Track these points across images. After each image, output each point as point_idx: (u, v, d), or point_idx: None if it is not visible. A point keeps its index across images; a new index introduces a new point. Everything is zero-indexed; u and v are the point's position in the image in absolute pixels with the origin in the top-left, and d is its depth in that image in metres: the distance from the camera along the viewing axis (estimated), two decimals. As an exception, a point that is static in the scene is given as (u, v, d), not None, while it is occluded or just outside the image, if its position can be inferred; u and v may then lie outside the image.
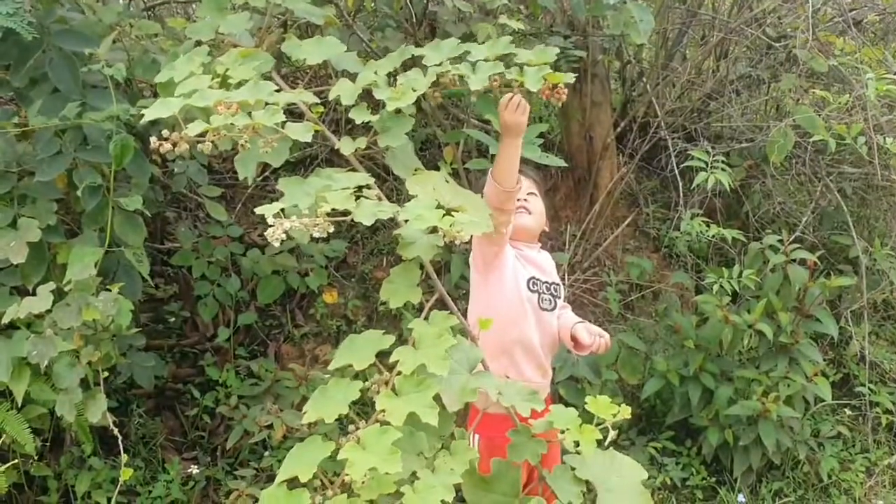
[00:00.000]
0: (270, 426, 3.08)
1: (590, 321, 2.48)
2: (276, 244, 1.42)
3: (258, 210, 1.45)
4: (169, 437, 3.38)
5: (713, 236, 3.27)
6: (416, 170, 1.93)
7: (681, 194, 3.46)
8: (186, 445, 3.38)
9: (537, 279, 2.32)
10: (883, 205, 4.04)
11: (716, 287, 3.17)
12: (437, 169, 2.30)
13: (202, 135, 1.47)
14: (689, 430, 3.41)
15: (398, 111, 1.75)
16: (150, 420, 3.35)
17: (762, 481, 3.30)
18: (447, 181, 1.88)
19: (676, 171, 3.47)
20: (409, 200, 1.68)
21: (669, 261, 4.27)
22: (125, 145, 2.12)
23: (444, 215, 1.63)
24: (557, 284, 2.40)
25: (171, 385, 3.49)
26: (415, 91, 1.72)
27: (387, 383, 1.60)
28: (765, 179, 3.87)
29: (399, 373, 1.57)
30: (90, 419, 2.25)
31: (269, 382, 3.34)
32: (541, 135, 3.32)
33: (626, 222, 4.17)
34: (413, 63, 1.87)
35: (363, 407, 1.62)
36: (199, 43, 2.01)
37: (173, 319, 3.63)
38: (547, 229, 2.51)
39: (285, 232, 1.44)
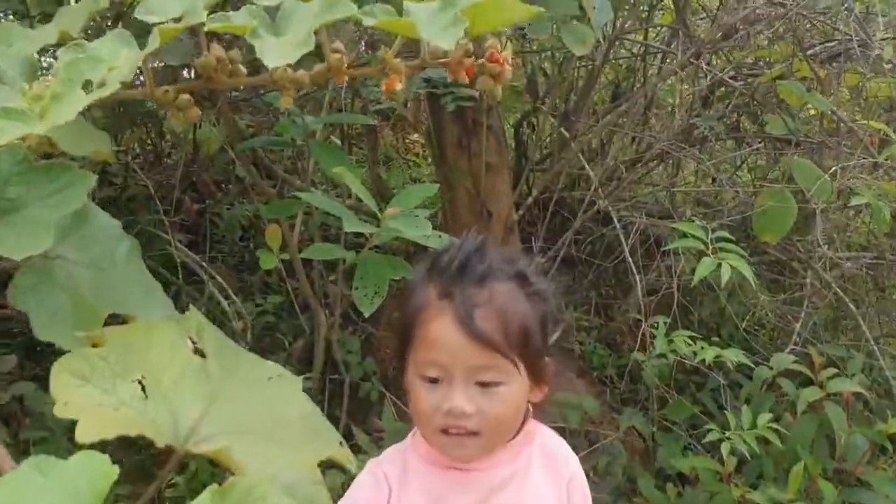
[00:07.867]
0: None
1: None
2: None
3: None
4: None
5: (704, 361, 2.09)
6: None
7: (642, 295, 2.30)
8: None
9: None
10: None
11: (726, 450, 1.97)
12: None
13: None
14: None
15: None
16: None
17: None
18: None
19: (630, 260, 2.32)
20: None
21: (601, 388, 3.11)
22: None
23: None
24: None
25: None
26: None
27: None
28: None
29: None
30: None
31: None
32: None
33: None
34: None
35: None
36: None
37: None
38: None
39: None
